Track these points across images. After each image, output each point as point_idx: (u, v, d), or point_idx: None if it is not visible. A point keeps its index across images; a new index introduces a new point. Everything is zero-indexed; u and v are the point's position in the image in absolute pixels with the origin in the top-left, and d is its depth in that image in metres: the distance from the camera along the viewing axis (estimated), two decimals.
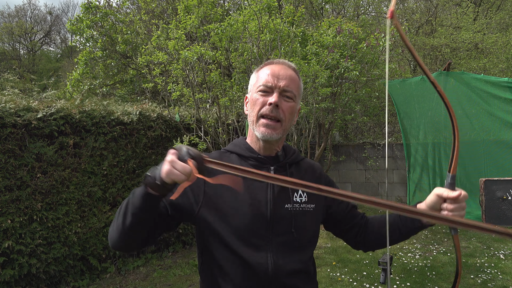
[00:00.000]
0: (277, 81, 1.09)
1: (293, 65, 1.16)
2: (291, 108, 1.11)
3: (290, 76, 1.11)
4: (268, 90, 1.09)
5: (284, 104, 1.10)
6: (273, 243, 1.08)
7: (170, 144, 4.95)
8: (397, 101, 7.60)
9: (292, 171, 1.17)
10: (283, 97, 1.10)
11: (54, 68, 22.56)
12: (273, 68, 1.12)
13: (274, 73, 1.10)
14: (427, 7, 13.21)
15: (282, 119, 1.10)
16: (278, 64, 1.14)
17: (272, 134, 1.09)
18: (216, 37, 5.00)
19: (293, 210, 1.11)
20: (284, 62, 1.15)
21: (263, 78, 1.11)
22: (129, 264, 4.52)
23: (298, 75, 1.16)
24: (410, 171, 7.37)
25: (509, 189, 5.96)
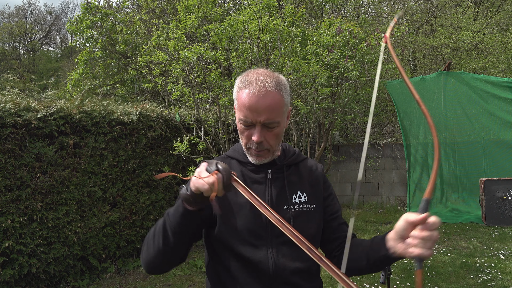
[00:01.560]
0: (257, 115, 1.04)
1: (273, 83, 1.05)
2: (277, 134, 1.10)
3: (269, 106, 1.03)
4: (249, 124, 1.07)
5: (269, 135, 1.08)
6: (273, 243, 1.10)
7: (170, 144, 4.95)
8: (397, 101, 7.61)
9: (290, 173, 1.19)
10: (266, 128, 1.06)
11: (54, 68, 22.56)
12: (250, 99, 1.03)
13: (252, 106, 1.03)
14: (427, 7, 13.20)
15: (269, 148, 1.10)
16: (256, 90, 1.03)
17: (263, 160, 1.13)
18: (216, 37, 5.00)
19: (291, 211, 1.13)
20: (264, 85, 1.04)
21: (242, 111, 1.05)
22: (129, 264, 4.52)
23: (280, 91, 1.06)
24: (410, 171, 7.37)
25: (509, 189, 5.97)
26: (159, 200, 4.95)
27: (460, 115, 7.26)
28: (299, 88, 5.54)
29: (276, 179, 1.16)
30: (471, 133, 7.16)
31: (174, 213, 0.99)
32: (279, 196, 1.14)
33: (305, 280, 1.15)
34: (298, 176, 1.20)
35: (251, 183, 1.15)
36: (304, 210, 1.15)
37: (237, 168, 1.16)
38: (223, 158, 1.22)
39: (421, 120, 7.44)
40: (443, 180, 7.20)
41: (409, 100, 7.54)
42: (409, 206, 7.10)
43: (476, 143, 7.09)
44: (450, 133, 7.27)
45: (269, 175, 1.16)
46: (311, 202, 1.17)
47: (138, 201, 4.65)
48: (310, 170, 1.24)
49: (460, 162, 7.17)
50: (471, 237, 5.35)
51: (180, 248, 1.04)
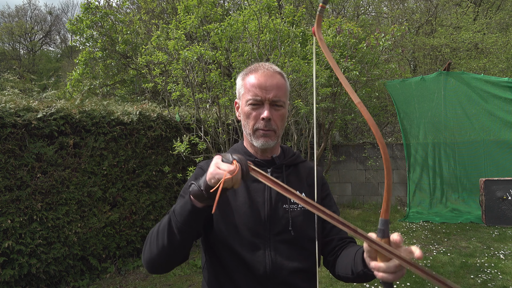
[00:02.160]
0: (266, 93, 1.10)
1: (277, 68, 1.17)
2: (282, 116, 1.15)
3: (277, 85, 1.12)
4: (258, 103, 1.12)
5: (275, 114, 1.13)
6: (271, 242, 1.11)
7: (170, 144, 4.95)
8: (397, 101, 7.61)
9: (289, 173, 1.21)
10: (273, 107, 1.12)
11: (54, 68, 22.57)
12: (259, 79, 1.12)
13: (261, 84, 1.11)
14: (427, 7, 13.20)
15: (275, 129, 1.14)
16: (263, 72, 1.13)
17: (269, 142, 1.14)
18: (216, 37, 5.00)
19: (290, 210, 1.14)
20: (269, 68, 1.15)
21: (251, 91, 1.12)
22: (129, 264, 4.52)
23: (283, 77, 1.17)
24: (410, 171, 7.37)
25: (509, 189, 5.97)
26: (159, 200, 4.95)
27: (460, 115, 7.26)
28: (299, 88, 5.54)
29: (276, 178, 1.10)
30: (471, 133, 7.16)
31: (181, 211, 0.97)
32: (279, 195, 1.15)
33: (303, 280, 1.14)
34: (297, 176, 1.22)
35: (251, 182, 1.16)
36: (303, 210, 1.15)
37: None
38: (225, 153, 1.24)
39: (421, 120, 7.45)
40: (443, 180, 7.20)
41: (409, 100, 7.54)
42: (409, 206, 7.10)
43: (476, 143, 7.09)
44: (450, 133, 7.27)
45: (269, 174, 1.17)
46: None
47: (138, 201, 4.65)
48: (309, 172, 1.25)
49: (460, 162, 7.17)
50: (471, 237, 5.35)
51: (185, 246, 1.03)
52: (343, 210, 7.54)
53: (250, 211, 1.11)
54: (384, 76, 7.11)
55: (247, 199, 1.13)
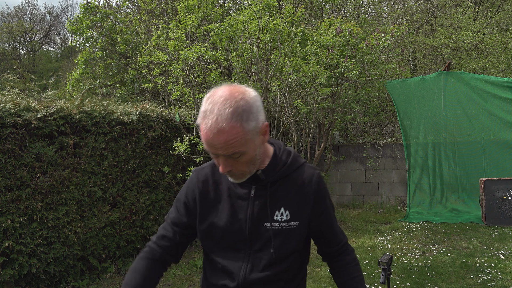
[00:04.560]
0: (216, 150, 1.00)
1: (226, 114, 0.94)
2: (246, 160, 1.03)
3: (225, 142, 0.96)
4: (214, 154, 1.03)
5: (235, 164, 1.03)
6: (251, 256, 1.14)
7: (170, 144, 4.95)
8: (397, 101, 7.61)
9: (276, 188, 1.14)
10: (230, 159, 1.02)
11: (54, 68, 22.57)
12: (206, 136, 0.97)
13: (208, 142, 0.98)
14: (427, 7, 13.20)
15: (241, 174, 1.07)
16: (209, 128, 0.96)
17: (239, 180, 1.10)
18: (216, 37, 5.00)
19: (272, 229, 1.13)
20: (215, 122, 0.95)
21: (203, 143, 1.01)
22: (129, 264, 4.52)
23: (236, 120, 0.95)
24: (410, 171, 7.37)
25: (509, 189, 5.97)
26: (159, 200, 4.95)
27: (460, 115, 7.26)
28: (299, 88, 5.54)
29: (259, 196, 1.13)
30: (471, 133, 7.16)
31: None
32: (260, 214, 1.13)
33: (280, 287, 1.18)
34: (285, 190, 1.15)
35: (236, 198, 1.15)
36: (284, 229, 1.13)
37: (225, 180, 1.17)
38: (213, 166, 1.21)
39: (421, 120, 7.45)
40: (443, 180, 7.20)
41: (409, 100, 7.54)
42: (409, 206, 7.10)
43: (476, 143, 7.09)
44: (450, 133, 7.27)
45: (252, 192, 1.13)
46: (295, 219, 1.13)
47: (138, 201, 4.65)
48: (302, 183, 1.16)
49: (460, 162, 7.17)
50: (471, 237, 5.35)
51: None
52: (343, 210, 7.55)
53: (232, 228, 1.14)
54: (384, 76, 7.10)
55: (230, 216, 1.15)
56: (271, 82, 5.19)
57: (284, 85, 5.20)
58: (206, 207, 1.18)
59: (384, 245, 5.09)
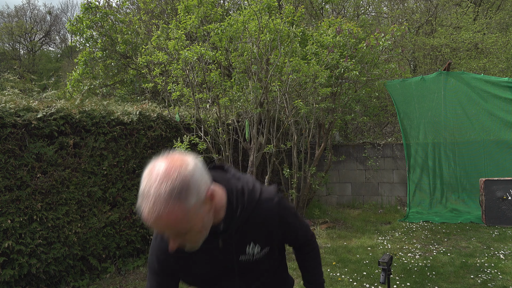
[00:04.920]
0: (159, 231, 0.96)
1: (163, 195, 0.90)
2: (194, 232, 0.98)
3: (166, 225, 0.92)
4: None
5: (185, 239, 0.99)
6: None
7: (170, 144, 4.95)
8: (397, 101, 7.61)
9: (241, 230, 1.15)
10: (178, 237, 0.97)
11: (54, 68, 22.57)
12: (146, 220, 0.92)
13: (151, 225, 0.93)
14: (427, 7, 13.20)
15: (195, 243, 1.03)
16: (147, 212, 0.91)
17: (195, 247, 1.05)
18: (216, 37, 5.00)
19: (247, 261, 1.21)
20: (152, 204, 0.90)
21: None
22: (129, 264, 4.52)
23: (176, 199, 0.90)
24: (410, 171, 7.37)
25: (509, 189, 5.97)
26: None
27: (460, 115, 7.26)
28: (299, 88, 5.54)
29: (228, 244, 1.16)
30: (471, 133, 7.16)
31: None
32: (235, 257, 1.19)
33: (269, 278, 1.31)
34: (250, 229, 1.16)
35: (207, 252, 1.16)
36: (256, 260, 1.22)
37: None
38: None
39: (421, 120, 7.45)
40: (443, 180, 7.20)
41: (409, 100, 7.54)
42: (409, 206, 7.10)
43: (476, 143, 7.09)
44: (450, 133, 7.27)
45: (220, 244, 1.15)
46: (265, 246, 1.22)
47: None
48: (264, 219, 1.17)
49: (460, 162, 7.17)
50: (471, 237, 5.35)
51: None
52: (343, 210, 7.55)
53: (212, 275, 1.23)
54: (384, 76, 7.10)
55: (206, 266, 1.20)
56: (271, 82, 5.19)
57: (284, 85, 5.20)
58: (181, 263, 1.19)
59: (384, 245, 5.09)
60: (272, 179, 6.95)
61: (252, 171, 5.08)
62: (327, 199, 8.18)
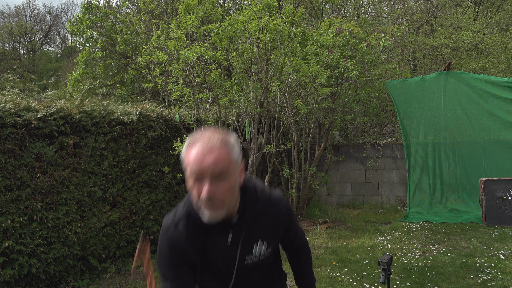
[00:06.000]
0: (204, 169, 1.05)
1: (216, 140, 1.08)
2: (228, 188, 1.09)
3: (215, 160, 1.05)
4: (199, 178, 1.06)
5: (219, 189, 1.07)
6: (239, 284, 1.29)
7: (170, 144, 4.95)
8: (397, 101, 7.61)
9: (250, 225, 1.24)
10: (215, 181, 1.06)
11: (54, 68, 22.58)
12: (196, 155, 1.05)
13: (199, 160, 1.05)
14: (427, 7, 13.20)
15: (221, 204, 1.09)
16: (201, 147, 1.06)
17: (215, 216, 1.10)
18: (216, 37, 5.00)
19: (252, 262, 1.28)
20: (208, 142, 1.07)
21: (190, 166, 1.06)
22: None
23: (225, 147, 1.08)
24: (410, 171, 7.37)
25: (509, 189, 5.97)
26: (159, 200, 4.95)
27: (460, 115, 7.26)
28: (299, 88, 5.54)
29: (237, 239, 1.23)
30: (471, 133, 7.16)
31: None
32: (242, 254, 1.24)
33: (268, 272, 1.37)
34: (260, 225, 1.26)
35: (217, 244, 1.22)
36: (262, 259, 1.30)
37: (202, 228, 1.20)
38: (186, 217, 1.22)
39: (421, 120, 7.45)
40: (443, 180, 7.20)
41: (409, 100, 7.54)
42: (409, 206, 7.10)
43: (476, 143, 7.09)
44: (450, 133, 7.27)
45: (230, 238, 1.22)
46: (270, 245, 1.30)
47: (138, 201, 4.65)
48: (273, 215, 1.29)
49: (460, 162, 7.16)
50: (471, 237, 5.35)
51: None
52: (343, 210, 7.55)
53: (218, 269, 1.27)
54: (384, 76, 7.10)
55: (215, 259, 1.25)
56: (271, 82, 5.19)
57: (284, 85, 5.20)
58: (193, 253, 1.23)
59: (384, 245, 5.09)
60: (272, 179, 6.95)
61: (252, 171, 5.08)
62: (327, 199, 8.18)
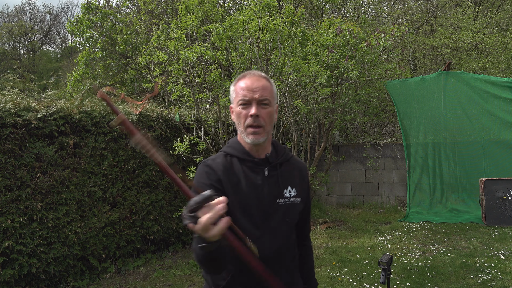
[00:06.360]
0: (253, 93, 1.27)
1: (263, 74, 1.34)
2: (269, 113, 1.30)
3: (262, 87, 1.28)
4: (247, 102, 1.28)
5: (263, 112, 1.28)
6: (268, 229, 1.30)
7: (170, 144, 4.95)
8: (397, 101, 7.61)
9: (282, 170, 1.37)
10: (260, 105, 1.28)
11: (54, 68, 22.58)
12: (247, 82, 1.29)
13: (249, 87, 1.28)
14: (427, 7, 13.21)
15: (263, 125, 1.29)
16: (250, 77, 1.30)
17: (258, 138, 1.29)
18: (216, 37, 5.00)
19: (284, 204, 1.34)
20: (256, 73, 1.32)
21: (241, 93, 1.28)
22: (129, 264, 4.52)
23: (269, 81, 1.33)
24: (410, 171, 7.37)
25: (509, 189, 5.97)
26: (159, 200, 4.95)
27: (460, 115, 7.26)
28: (299, 88, 5.54)
29: (271, 177, 1.33)
30: (471, 133, 7.16)
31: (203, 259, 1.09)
32: (274, 192, 1.32)
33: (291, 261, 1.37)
34: (289, 172, 1.39)
35: (252, 180, 1.31)
36: (293, 203, 1.36)
37: (238, 167, 1.32)
38: (224, 156, 1.35)
39: (421, 120, 7.45)
40: (443, 180, 7.19)
41: (409, 100, 7.54)
42: (409, 206, 7.10)
43: (476, 143, 7.09)
44: (450, 133, 7.27)
45: (266, 173, 1.33)
46: (298, 196, 1.38)
47: (138, 201, 4.65)
48: (298, 167, 1.44)
49: (460, 162, 7.16)
50: (471, 237, 5.35)
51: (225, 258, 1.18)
52: (343, 210, 7.55)
53: (252, 205, 1.28)
54: (384, 76, 7.10)
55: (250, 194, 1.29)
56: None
57: (284, 85, 5.20)
58: (228, 187, 1.29)
59: (384, 245, 5.09)
60: None
61: None
62: (327, 199, 8.18)
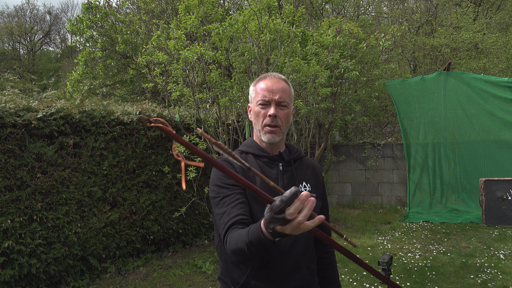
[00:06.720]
0: (272, 95, 1.32)
1: (283, 77, 1.39)
2: (286, 115, 1.35)
3: (282, 89, 1.34)
4: (266, 103, 1.33)
5: (280, 113, 1.33)
6: None
7: (170, 144, 4.95)
8: (397, 101, 7.61)
9: (296, 166, 1.41)
10: (279, 107, 1.33)
11: (54, 68, 22.59)
12: (267, 84, 1.34)
13: (269, 88, 1.33)
14: (427, 7, 13.21)
15: (280, 125, 1.34)
16: (271, 79, 1.36)
17: (274, 137, 1.34)
18: (216, 37, 5.00)
19: None
20: (276, 76, 1.38)
21: (261, 93, 1.34)
22: (129, 264, 4.52)
23: (288, 84, 1.38)
24: (410, 171, 7.37)
25: (509, 189, 5.97)
26: (159, 200, 4.95)
27: (460, 115, 7.26)
28: (299, 88, 5.54)
29: (286, 171, 1.37)
30: (471, 133, 7.16)
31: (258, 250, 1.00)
32: (290, 185, 1.34)
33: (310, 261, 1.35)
34: (302, 169, 1.42)
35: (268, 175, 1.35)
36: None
37: (253, 162, 1.38)
38: (240, 153, 1.41)
39: (421, 120, 7.45)
40: (443, 180, 7.20)
41: (409, 100, 7.54)
42: (409, 206, 7.10)
43: (476, 143, 7.09)
44: (450, 133, 7.27)
45: (281, 168, 1.37)
46: (313, 192, 1.40)
47: (138, 201, 4.65)
48: (312, 166, 1.47)
49: (460, 162, 7.16)
50: (471, 237, 5.35)
51: None
52: (343, 210, 7.55)
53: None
54: (384, 76, 7.10)
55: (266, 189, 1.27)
56: None
57: None
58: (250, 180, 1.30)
59: (384, 245, 5.09)
60: None
61: None
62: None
